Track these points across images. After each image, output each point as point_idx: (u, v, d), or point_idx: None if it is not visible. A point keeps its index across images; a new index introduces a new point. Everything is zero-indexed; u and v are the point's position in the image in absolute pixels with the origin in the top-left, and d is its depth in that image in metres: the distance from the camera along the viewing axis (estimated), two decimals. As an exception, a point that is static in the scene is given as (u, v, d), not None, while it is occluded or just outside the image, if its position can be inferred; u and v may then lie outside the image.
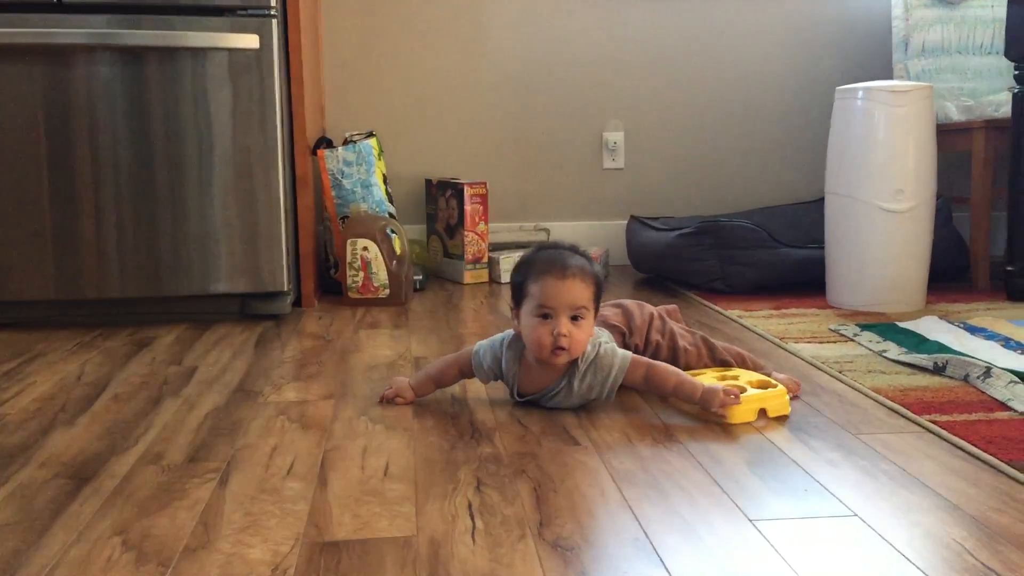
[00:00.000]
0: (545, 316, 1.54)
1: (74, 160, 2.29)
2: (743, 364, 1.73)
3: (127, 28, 2.26)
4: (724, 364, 1.73)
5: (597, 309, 1.60)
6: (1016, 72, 2.49)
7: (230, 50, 2.30)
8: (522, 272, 1.59)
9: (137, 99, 2.30)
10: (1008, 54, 2.52)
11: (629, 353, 1.61)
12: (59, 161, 2.29)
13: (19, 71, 2.25)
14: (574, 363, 1.58)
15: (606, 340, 1.62)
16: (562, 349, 1.53)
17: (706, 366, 1.74)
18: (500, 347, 1.64)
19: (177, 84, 2.30)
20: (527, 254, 1.63)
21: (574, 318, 1.54)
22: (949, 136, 2.78)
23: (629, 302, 1.80)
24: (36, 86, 2.26)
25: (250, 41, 2.30)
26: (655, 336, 1.73)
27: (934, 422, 1.51)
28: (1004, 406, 1.59)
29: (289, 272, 2.43)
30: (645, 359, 1.61)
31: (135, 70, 2.29)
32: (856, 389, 1.72)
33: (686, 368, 1.71)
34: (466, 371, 1.69)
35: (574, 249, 1.61)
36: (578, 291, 1.54)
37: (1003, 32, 2.57)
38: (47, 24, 2.23)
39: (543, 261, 1.57)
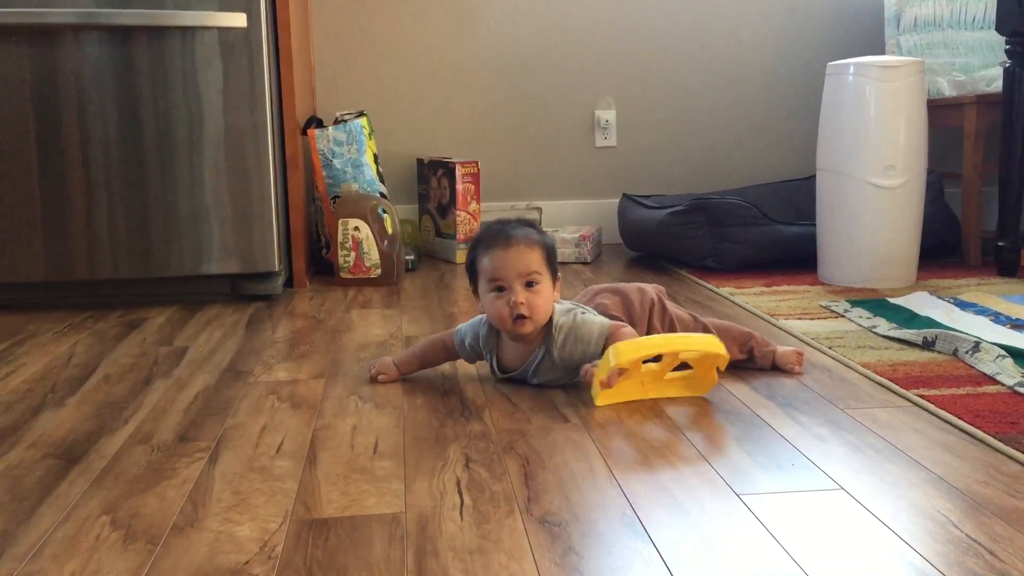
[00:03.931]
0: (500, 289, 1.55)
1: (63, 141, 2.29)
2: (748, 341, 1.70)
3: (115, 7, 2.24)
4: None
5: (555, 274, 1.60)
6: (1007, 47, 2.48)
7: (219, 29, 2.29)
8: (472, 252, 1.61)
9: (126, 79, 2.29)
10: (999, 28, 2.51)
11: (608, 322, 1.60)
12: (48, 142, 2.28)
13: (6, 51, 2.24)
14: (549, 333, 1.58)
15: (582, 311, 1.63)
16: (523, 317, 1.54)
17: None
18: (479, 326, 1.65)
19: (166, 63, 2.29)
20: (475, 234, 1.65)
21: (529, 284, 1.55)
22: (940, 111, 2.78)
23: (628, 287, 1.75)
24: (24, 66, 2.25)
25: (238, 20, 2.28)
26: (656, 324, 1.70)
27: (922, 396, 1.51)
28: (992, 380, 1.59)
29: (280, 252, 2.43)
30: (617, 324, 1.61)
31: (123, 49, 2.28)
32: (845, 364, 1.73)
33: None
34: (451, 351, 1.70)
35: (520, 221, 1.62)
36: (526, 258, 1.55)
37: (995, 6, 2.56)
38: (34, 3, 2.22)
39: (488, 237, 1.59)
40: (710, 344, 1.53)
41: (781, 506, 1.14)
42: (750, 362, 1.71)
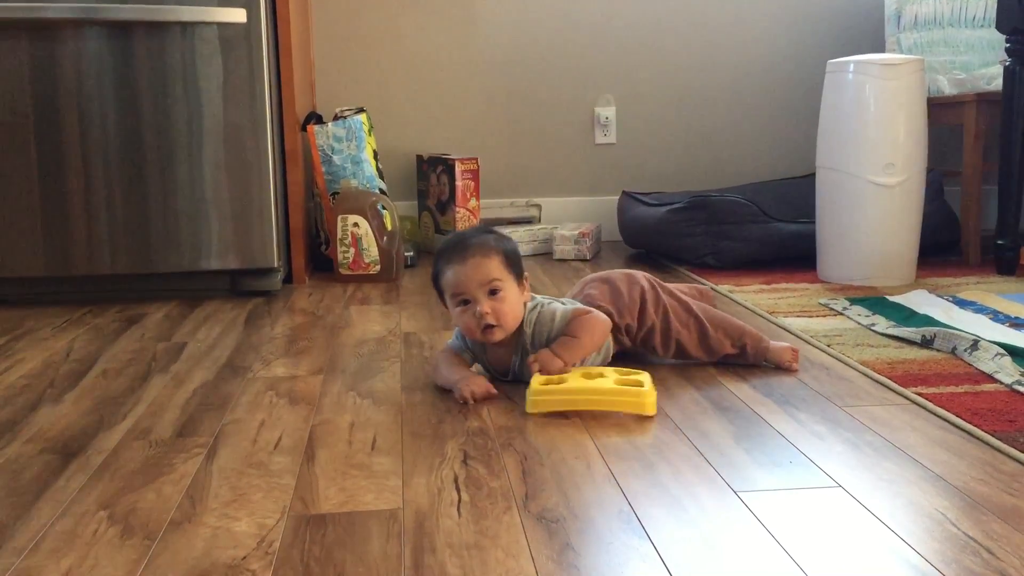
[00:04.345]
0: (465, 302, 1.56)
1: (62, 136, 2.28)
2: (741, 337, 1.69)
3: (114, 2, 2.24)
4: (712, 353, 1.69)
5: (520, 277, 1.59)
6: (1008, 45, 2.48)
7: (218, 24, 2.29)
8: (434, 267, 1.61)
9: (125, 74, 2.28)
10: (999, 27, 2.51)
11: (572, 308, 1.61)
12: (47, 137, 2.28)
13: (5, 46, 2.24)
14: (521, 331, 1.59)
15: (548, 302, 1.63)
16: (491, 327, 1.54)
17: (695, 354, 1.70)
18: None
19: (165, 59, 2.29)
20: (437, 248, 1.65)
21: (492, 293, 1.54)
22: (940, 110, 2.78)
23: (615, 275, 1.73)
24: (23, 61, 2.25)
25: (238, 15, 2.28)
26: (651, 313, 1.67)
27: (920, 394, 1.51)
28: (991, 378, 1.59)
29: (279, 248, 2.43)
30: (584, 308, 1.61)
31: (123, 44, 2.27)
32: (844, 362, 1.73)
33: (677, 348, 1.69)
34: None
35: (477, 229, 1.63)
36: (483, 267, 1.54)
37: (995, 5, 2.55)
38: (33, -1, 2.22)
39: (446, 251, 1.59)
40: (634, 405, 1.47)
41: (779, 504, 1.13)
42: (742, 358, 1.70)
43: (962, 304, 2.12)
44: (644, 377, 1.51)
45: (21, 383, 1.69)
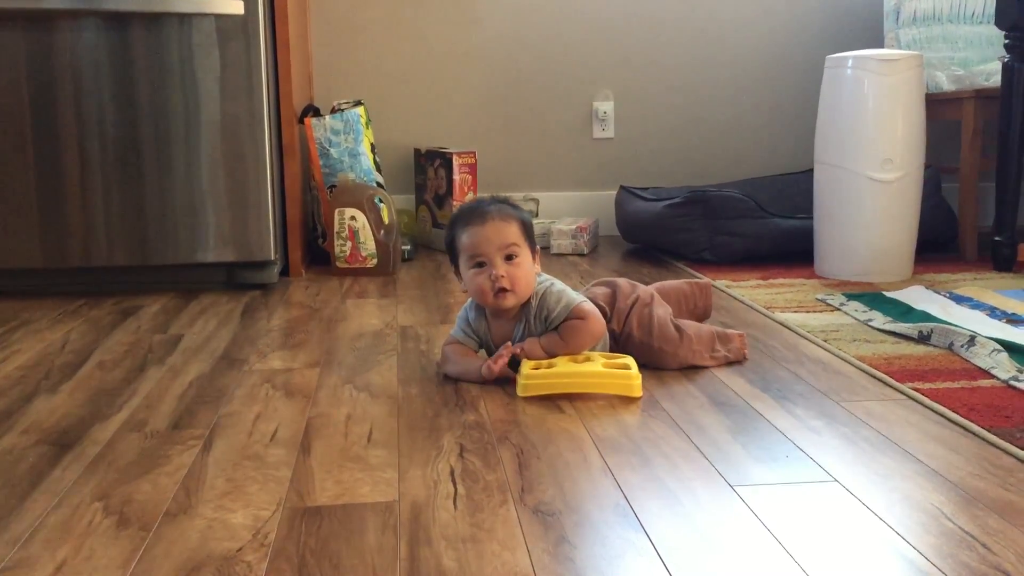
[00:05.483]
0: (480, 264, 1.58)
1: (59, 127, 2.28)
2: (713, 345, 1.68)
3: (111, -7, 2.23)
4: (692, 364, 1.67)
5: (533, 248, 1.62)
6: (1006, 42, 2.48)
7: (216, 16, 2.28)
8: (450, 231, 1.63)
9: (122, 65, 2.28)
10: (999, 23, 2.51)
11: (575, 302, 1.60)
12: (44, 129, 2.27)
13: (2, 37, 2.23)
14: (528, 303, 1.60)
15: (560, 286, 1.63)
16: (504, 290, 1.56)
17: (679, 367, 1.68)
18: (467, 311, 1.67)
19: (163, 50, 2.28)
20: (452, 214, 1.66)
21: (509, 258, 1.56)
22: (939, 105, 2.77)
23: (623, 280, 1.75)
24: (19, 53, 2.24)
25: (236, 7, 2.27)
26: (633, 321, 1.67)
27: (917, 390, 1.51)
28: (987, 374, 1.59)
29: (276, 241, 2.42)
30: (586, 310, 1.59)
31: (120, 36, 2.27)
32: (841, 358, 1.73)
33: (658, 360, 1.66)
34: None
35: (495, 199, 1.65)
36: (503, 231, 1.57)
37: (994, 1, 2.55)
38: (29, -11, 2.21)
39: (465, 214, 1.62)
40: (623, 387, 1.51)
41: (775, 498, 1.13)
42: (725, 363, 1.69)
43: (959, 300, 2.12)
44: (630, 360, 1.57)
45: (17, 374, 1.68)
